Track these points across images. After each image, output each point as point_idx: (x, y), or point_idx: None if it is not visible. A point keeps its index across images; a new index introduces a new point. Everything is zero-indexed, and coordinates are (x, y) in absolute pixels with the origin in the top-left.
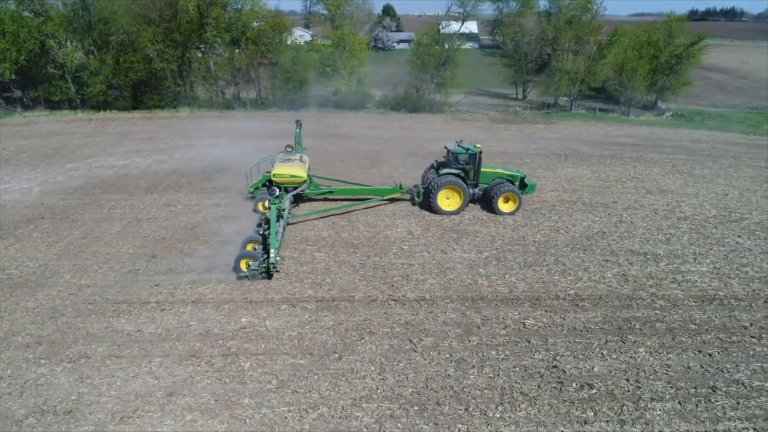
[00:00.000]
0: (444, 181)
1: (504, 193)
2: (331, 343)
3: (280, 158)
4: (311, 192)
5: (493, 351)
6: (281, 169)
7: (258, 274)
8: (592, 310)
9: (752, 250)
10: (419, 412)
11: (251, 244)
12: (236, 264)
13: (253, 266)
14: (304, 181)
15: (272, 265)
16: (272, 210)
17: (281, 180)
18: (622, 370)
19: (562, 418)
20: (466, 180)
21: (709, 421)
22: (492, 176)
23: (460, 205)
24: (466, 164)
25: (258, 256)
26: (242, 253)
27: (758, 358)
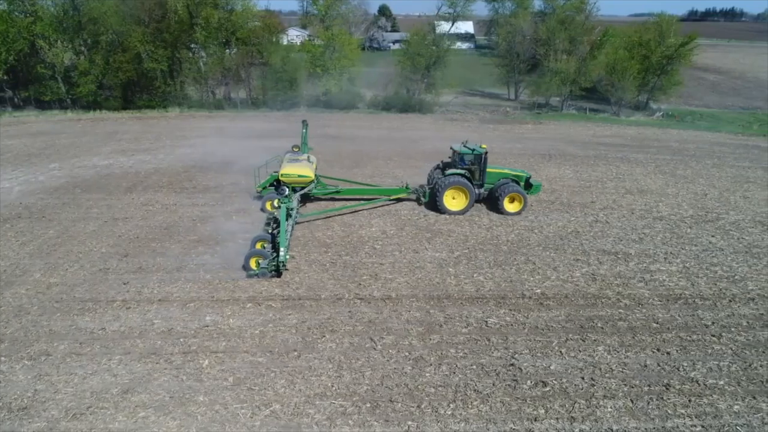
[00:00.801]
0: (450, 182)
1: (509, 194)
2: (292, 342)
3: (287, 158)
4: (318, 192)
5: (452, 349)
6: (289, 168)
7: (268, 273)
8: (556, 309)
9: (724, 249)
10: (371, 409)
11: (260, 243)
12: (246, 262)
13: (263, 264)
14: (312, 180)
15: (282, 263)
16: (282, 209)
17: (289, 180)
18: (578, 368)
19: (512, 415)
20: (471, 180)
21: (658, 419)
22: (497, 176)
23: (465, 205)
24: (471, 164)
25: (267, 255)
26: (252, 252)
27: (715, 357)
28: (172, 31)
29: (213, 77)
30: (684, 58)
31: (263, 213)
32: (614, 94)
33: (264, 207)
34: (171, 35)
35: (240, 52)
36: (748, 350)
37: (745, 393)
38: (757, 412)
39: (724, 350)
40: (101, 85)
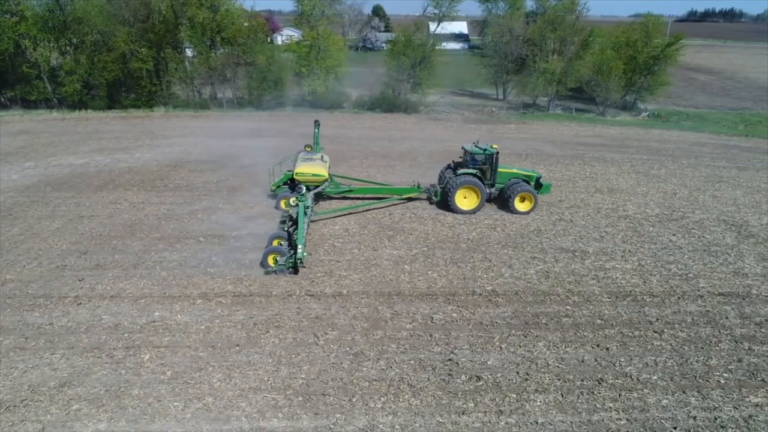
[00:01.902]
0: (461, 181)
1: (520, 193)
2: (236, 337)
3: (301, 157)
4: (331, 190)
5: (393, 344)
6: (303, 167)
7: (285, 269)
8: (504, 306)
9: (683, 248)
10: (303, 402)
11: (277, 240)
12: (264, 259)
13: (280, 261)
14: (326, 179)
15: (299, 260)
16: (300, 207)
17: (303, 178)
18: (515, 363)
19: (441, 408)
20: (483, 180)
21: (585, 412)
22: (508, 176)
23: (477, 205)
24: (483, 164)
25: (284, 252)
26: (270, 249)
27: (653, 353)
28: (156, 31)
29: (198, 77)
30: (670, 58)
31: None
32: (600, 94)
33: (278, 205)
34: (156, 35)
35: (225, 52)
36: (687, 346)
37: (676, 387)
38: (685, 406)
39: (664, 346)
40: (87, 84)
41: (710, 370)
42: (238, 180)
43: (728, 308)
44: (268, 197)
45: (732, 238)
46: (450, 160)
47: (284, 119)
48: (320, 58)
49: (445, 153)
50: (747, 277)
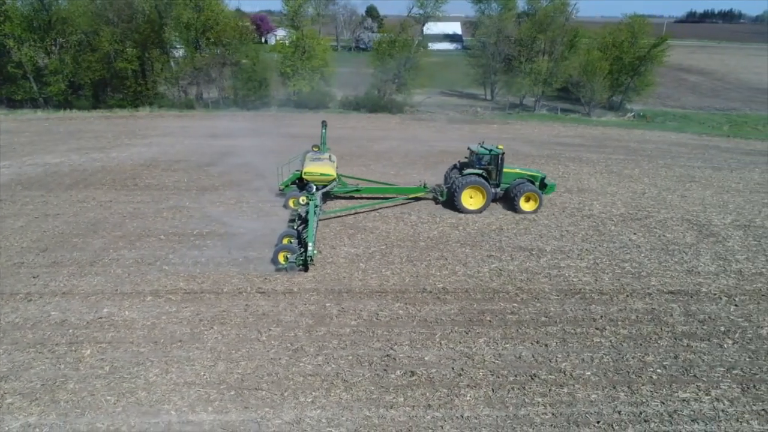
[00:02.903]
0: (467, 181)
1: (525, 193)
2: (180, 333)
3: (309, 157)
4: (339, 190)
5: (335, 341)
6: (312, 167)
7: (296, 266)
8: (451, 303)
9: (641, 246)
10: (234, 396)
11: (287, 238)
12: (275, 256)
13: (291, 258)
14: (334, 179)
15: (310, 257)
16: (310, 206)
17: (311, 178)
18: (452, 359)
19: (371, 402)
20: (488, 180)
21: (513, 407)
22: (514, 176)
23: (483, 204)
24: (488, 165)
25: (295, 249)
26: (280, 247)
27: (592, 349)
28: (141, 31)
29: (184, 77)
30: (656, 59)
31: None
32: (585, 94)
33: (287, 204)
34: (140, 35)
35: (211, 53)
36: (626, 343)
37: (608, 383)
38: (613, 401)
39: (603, 343)
40: (72, 84)
41: (645, 366)
42: (209, 179)
43: (675, 306)
44: (276, 196)
45: (692, 237)
46: (425, 160)
47: (267, 119)
48: (305, 59)
49: (421, 153)
50: (699, 276)
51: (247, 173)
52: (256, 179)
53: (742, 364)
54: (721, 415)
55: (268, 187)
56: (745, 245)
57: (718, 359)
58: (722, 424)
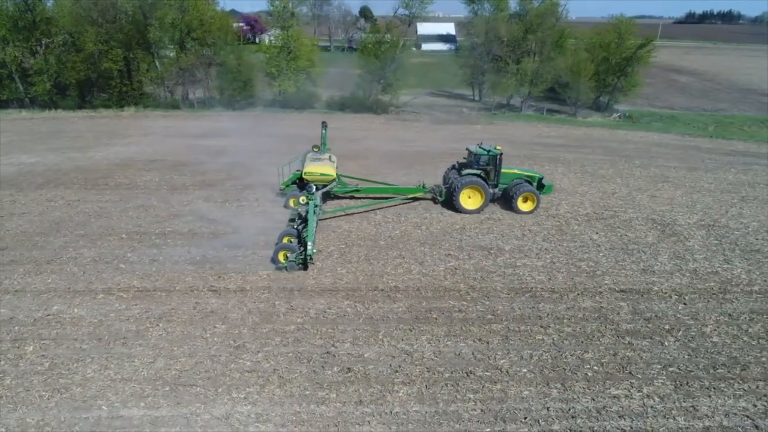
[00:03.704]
0: (466, 181)
1: (523, 193)
2: (125, 330)
3: (310, 157)
4: (339, 190)
5: (278, 338)
6: (312, 167)
7: (296, 265)
8: (401, 301)
9: (600, 246)
10: (169, 392)
11: (287, 237)
12: (275, 255)
13: (291, 257)
14: (334, 179)
15: (309, 256)
16: (310, 205)
17: (312, 178)
18: (391, 356)
19: (303, 398)
20: (486, 180)
21: (443, 403)
22: (512, 177)
23: (481, 204)
24: (486, 165)
25: (294, 248)
26: (280, 246)
27: (533, 347)
28: (126, 32)
29: (169, 77)
30: (642, 60)
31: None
32: (571, 95)
33: (287, 204)
34: (125, 35)
35: (196, 53)
36: (568, 340)
37: (542, 380)
38: (544, 397)
39: (545, 340)
40: (57, 84)
41: (582, 363)
42: (182, 179)
43: (623, 304)
44: (276, 196)
45: (654, 236)
46: (401, 160)
47: (251, 119)
48: (291, 59)
49: (398, 153)
50: (654, 275)
51: (220, 173)
52: (228, 179)
53: (680, 362)
54: (649, 412)
55: (239, 186)
56: (705, 245)
57: (656, 357)
58: (648, 420)
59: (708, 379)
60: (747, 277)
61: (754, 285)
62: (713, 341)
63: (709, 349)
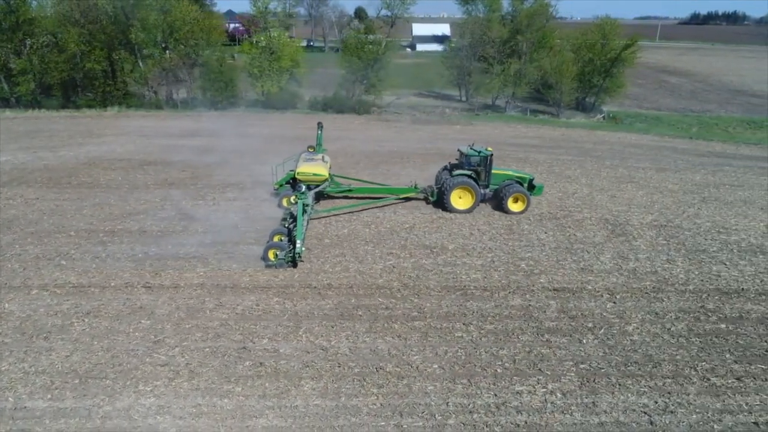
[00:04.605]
0: (457, 182)
1: (513, 194)
2: (51, 324)
3: (303, 157)
4: (332, 190)
5: (199, 333)
6: (305, 167)
7: (285, 263)
8: (330, 298)
9: (546, 245)
10: (78, 384)
11: (278, 236)
12: (264, 253)
13: (280, 255)
14: (326, 179)
15: (298, 254)
16: (299, 205)
17: (304, 178)
18: (306, 352)
19: (208, 391)
20: (477, 181)
21: (345, 397)
22: (503, 177)
23: (471, 204)
24: (477, 166)
25: (284, 247)
26: (270, 244)
27: (450, 344)
28: (108, 32)
29: (152, 78)
30: (627, 60)
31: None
32: (553, 96)
33: (280, 203)
34: (107, 36)
35: (178, 53)
36: (487, 338)
37: (450, 376)
38: (447, 393)
39: (464, 337)
40: (41, 84)
41: (495, 360)
42: (144, 178)
43: (552, 302)
44: (270, 195)
45: (602, 236)
46: (369, 159)
47: (231, 119)
48: (273, 60)
49: (368, 153)
50: (591, 274)
51: (184, 172)
52: (191, 178)
53: (593, 359)
54: (548, 407)
55: (200, 186)
56: (652, 244)
57: (571, 354)
58: (545, 416)
59: (616, 376)
60: (685, 276)
61: (690, 284)
62: (632, 339)
63: (626, 347)
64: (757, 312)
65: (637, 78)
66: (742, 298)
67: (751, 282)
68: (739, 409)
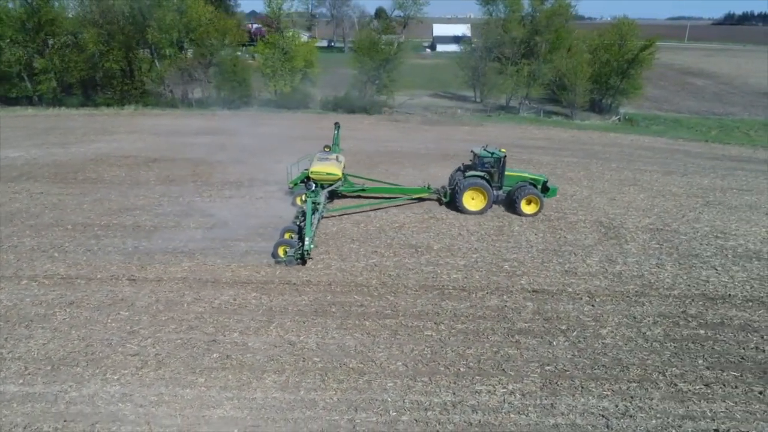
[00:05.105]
0: (469, 183)
1: (526, 196)
2: (34, 313)
3: (317, 157)
4: (345, 189)
5: (173, 325)
6: (318, 167)
7: (294, 260)
8: (307, 294)
9: (533, 247)
10: (50, 371)
11: (288, 233)
12: (275, 250)
13: (289, 252)
14: (339, 178)
15: (306, 251)
16: (308, 203)
17: (318, 177)
18: (275, 346)
19: (172, 381)
20: (490, 182)
21: (305, 391)
22: (516, 179)
23: (484, 206)
24: (491, 167)
25: (294, 244)
26: (280, 241)
27: (418, 342)
28: (126, 32)
29: (168, 77)
30: (644, 62)
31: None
32: (567, 97)
33: (294, 201)
34: (125, 36)
35: (195, 53)
36: (456, 337)
37: (410, 373)
38: (406, 390)
39: (433, 336)
40: (62, 83)
41: (460, 359)
42: (147, 174)
43: (529, 304)
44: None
45: (594, 238)
46: (370, 160)
47: (242, 118)
48: (286, 60)
49: (369, 153)
50: (575, 276)
51: (185, 169)
52: (191, 175)
53: (561, 361)
54: (505, 407)
55: (200, 183)
56: (643, 248)
57: (538, 355)
58: (500, 416)
59: (581, 378)
60: (671, 281)
61: (675, 289)
62: (604, 342)
63: (597, 350)
64: (740, 318)
65: (660, 79)
66: (727, 304)
67: (740, 288)
68: (702, 416)
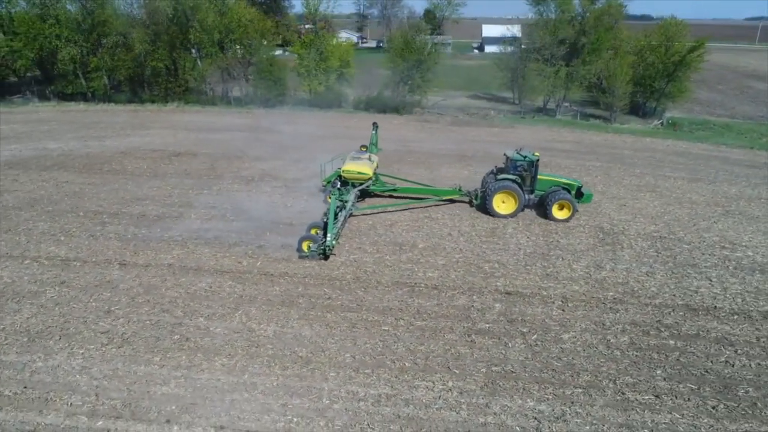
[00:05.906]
0: (500, 186)
1: (558, 201)
2: (25, 290)
3: (350, 156)
4: (376, 188)
5: (147, 307)
6: (350, 166)
7: (317, 255)
8: (281, 285)
9: (522, 249)
10: (25, 342)
11: (314, 229)
12: (299, 244)
13: (313, 247)
14: (370, 178)
15: (328, 247)
16: (332, 201)
17: (349, 176)
18: (233, 332)
19: (130, 358)
20: (522, 186)
21: (249, 375)
22: (549, 183)
23: (514, 209)
24: (523, 171)
25: (317, 239)
26: (305, 236)
27: (372, 336)
28: (170, 33)
29: (209, 75)
30: (693, 64)
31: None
32: (606, 99)
33: (326, 199)
34: (169, 36)
35: (234, 53)
36: (412, 333)
37: (354, 366)
38: (346, 381)
39: (390, 331)
40: (112, 80)
41: (409, 354)
42: (168, 167)
43: (498, 305)
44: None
45: (587, 244)
46: (386, 160)
47: (274, 116)
48: (321, 60)
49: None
50: (554, 280)
51: (204, 163)
52: (207, 170)
53: (510, 363)
54: (438, 403)
55: (212, 177)
56: (638, 255)
57: (489, 356)
58: (431, 411)
59: (525, 381)
60: (656, 290)
61: (657, 298)
62: (562, 347)
63: (552, 355)
64: (719, 331)
65: (717, 82)
66: (709, 315)
67: (730, 300)
68: (641, 426)
